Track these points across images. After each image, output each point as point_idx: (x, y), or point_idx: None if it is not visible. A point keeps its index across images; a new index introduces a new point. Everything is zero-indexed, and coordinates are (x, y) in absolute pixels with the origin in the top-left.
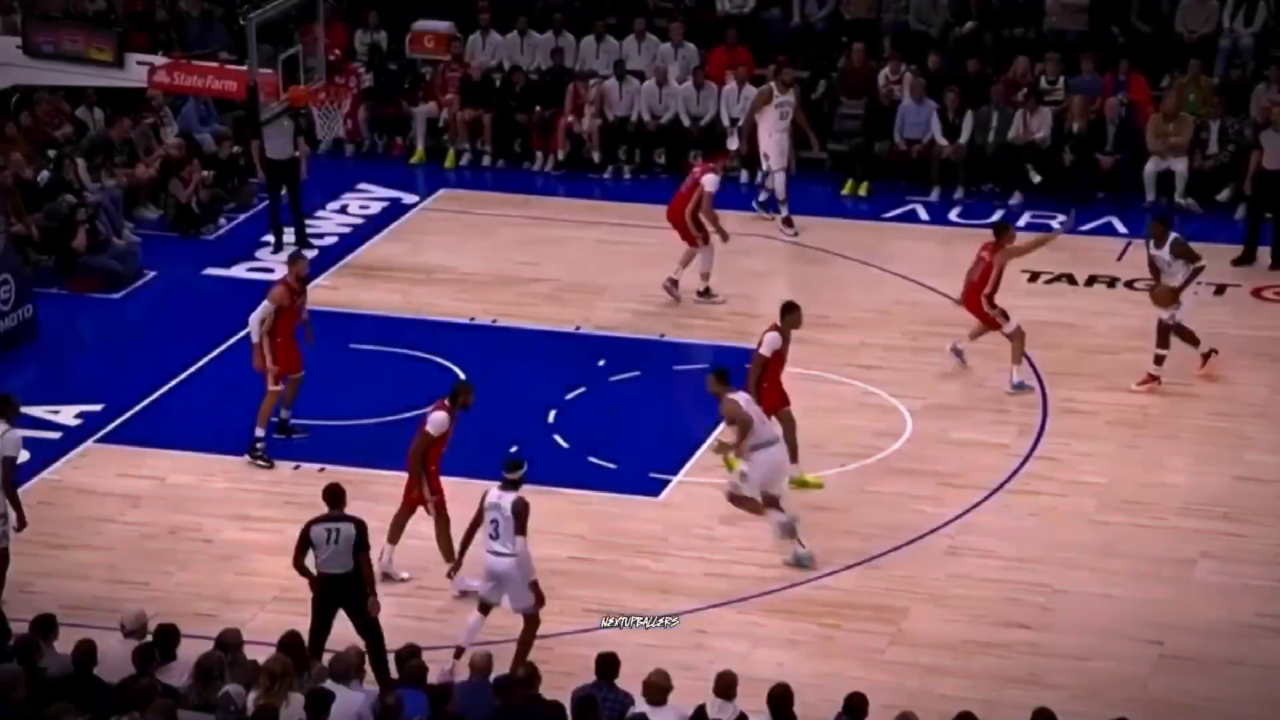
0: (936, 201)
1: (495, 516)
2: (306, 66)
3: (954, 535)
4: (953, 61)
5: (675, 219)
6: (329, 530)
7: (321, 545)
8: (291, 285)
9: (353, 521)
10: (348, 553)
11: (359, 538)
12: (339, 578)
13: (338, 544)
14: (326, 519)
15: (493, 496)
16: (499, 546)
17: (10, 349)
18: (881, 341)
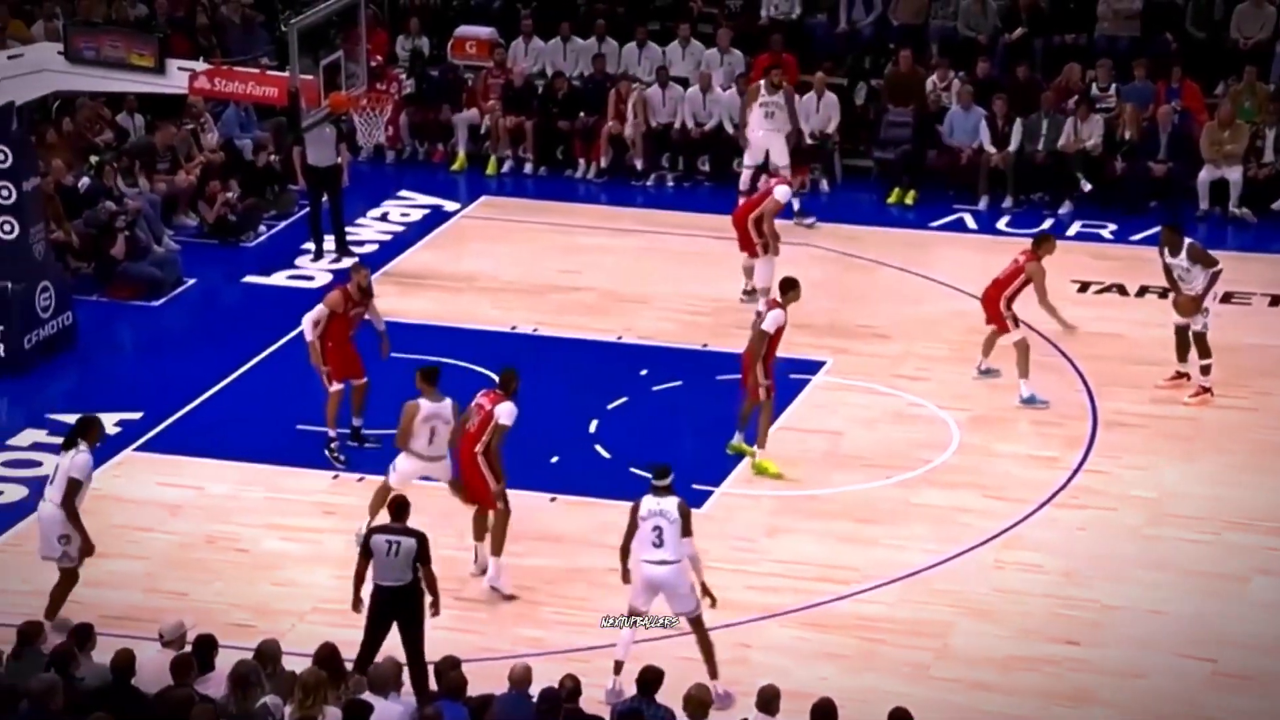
0: (984, 210)
1: (658, 524)
2: (348, 72)
3: (1001, 549)
4: (1002, 68)
5: (738, 224)
6: (390, 542)
7: (381, 556)
8: (350, 293)
9: (415, 535)
10: (406, 566)
11: (420, 551)
12: (395, 590)
13: (397, 556)
14: (389, 530)
15: (650, 505)
16: (664, 554)
17: (50, 356)
18: (927, 352)
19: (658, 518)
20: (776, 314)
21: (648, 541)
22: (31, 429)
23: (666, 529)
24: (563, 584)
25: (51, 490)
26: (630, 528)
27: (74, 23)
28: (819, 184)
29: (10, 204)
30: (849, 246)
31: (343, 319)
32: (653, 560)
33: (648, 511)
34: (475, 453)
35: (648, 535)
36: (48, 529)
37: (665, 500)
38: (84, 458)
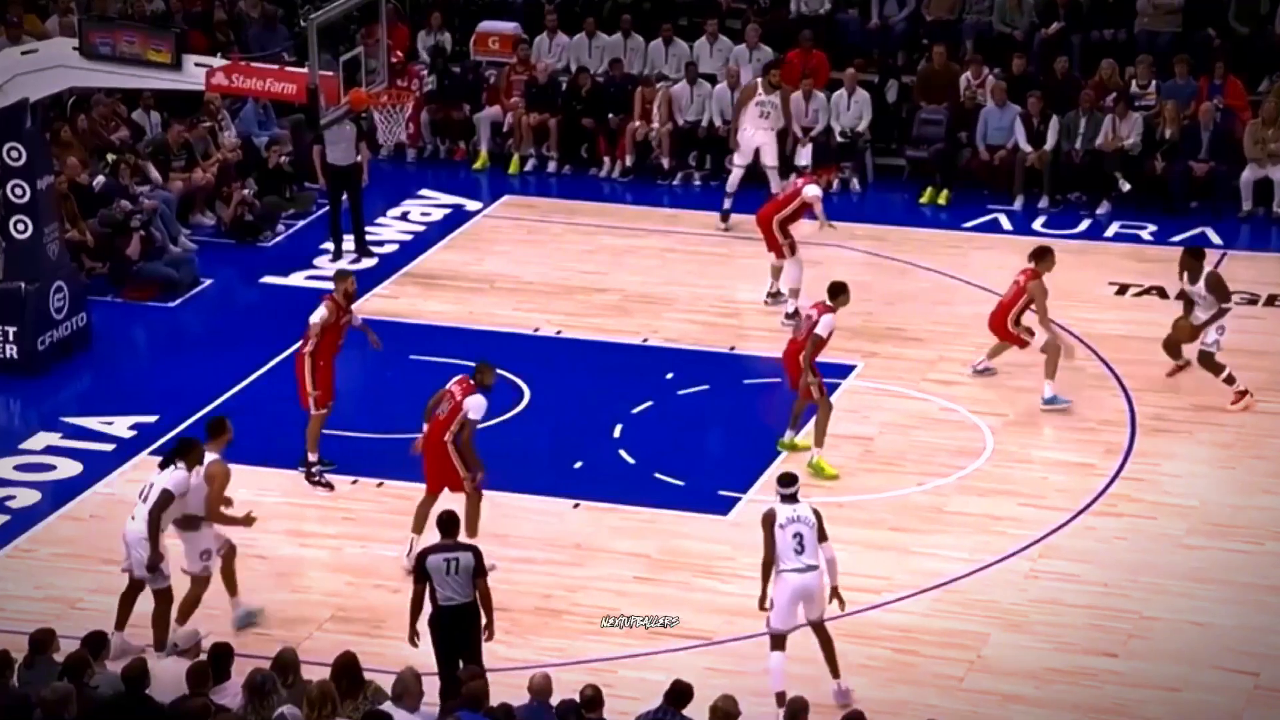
0: (1020, 211)
1: (799, 530)
2: (368, 69)
3: (1036, 558)
4: (1038, 64)
5: (763, 224)
6: (447, 560)
7: (440, 576)
8: (338, 302)
9: (470, 550)
10: (468, 582)
11: (478, 564)
12: (461, 608)
13: (457, 574)
14: (442, 549)
15: (787, 513)
16: (808, 560)
17: (64, 358)
18: (961, 356)
19: (797, 524)
20: (829, 318)
21: (789, 550)
22: (45, 432)
23: (806, 534)
24: (585, 592)
25: (142, 508)
26: (769, 543)
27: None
28: (850, 183)
29: (24, 203)
30: (880, 247)
31: (335, 329)
32: (799, 568)
33: (785, 520)
34: (444, 441)
35: (789, 544)
36: (138, 544)
37: (799, 507)
38: (180, 475)
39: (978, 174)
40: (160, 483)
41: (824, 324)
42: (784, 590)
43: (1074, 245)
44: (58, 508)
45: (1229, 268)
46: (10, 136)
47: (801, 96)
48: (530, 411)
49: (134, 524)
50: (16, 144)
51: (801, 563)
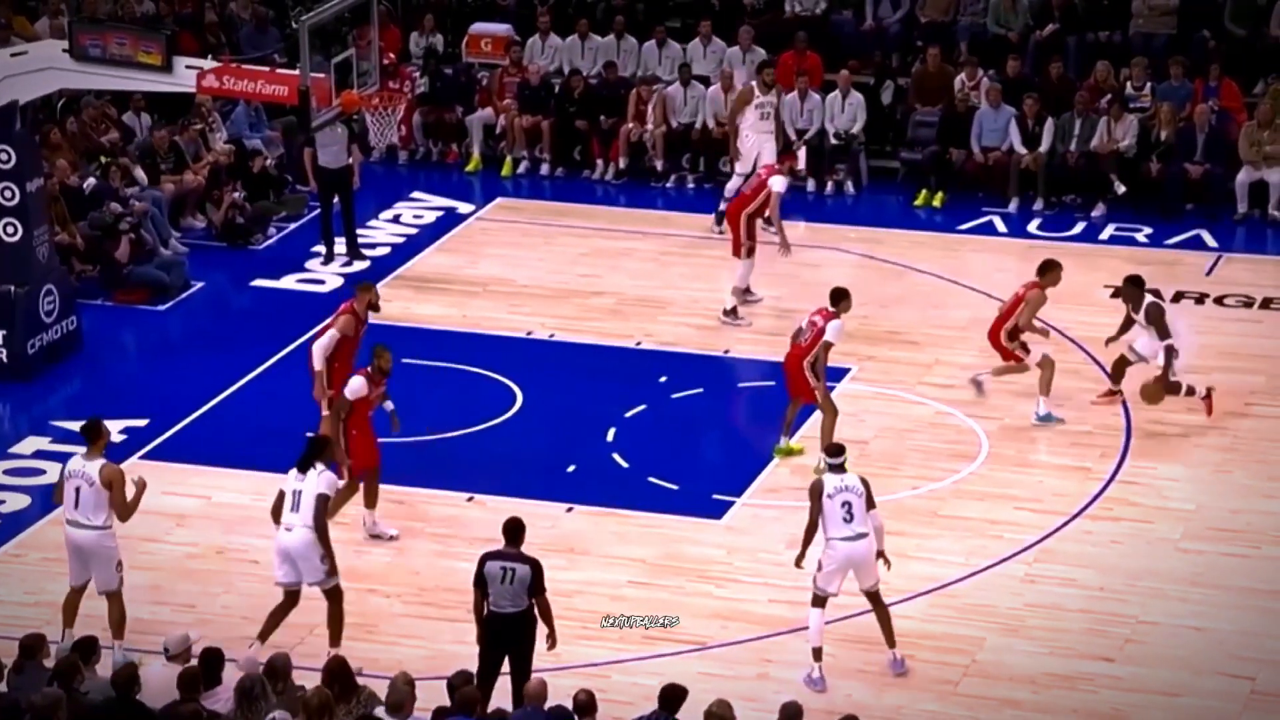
0: (1015, 213)
1: (847, 499)
2: (360, 71)
3: (1032, 562)
4: (1033, 66)
5: (732, 220)
6: (504, 569)
7: (495, 583)
8: (359, 314)
9: (529, 563)
10: (521, 593)
11: (534, 580)
12: (510, 617)
13: (512, 584)
14: (502, 556)
15: (835, 483)
16: (857, 527)
17: (54, 362)
18: (957, 359)
19: (845, 494)
20: (837, 324)
21: (838, 519)
22: (34, 436)
23: (855, 503)
24: (579, 597)
25: (298, 516)
26: (814, 512)
27: (79, 19)
28: (844, 186)
29: (13, 205)
30: (875, 250)
31: (353, 342)
32: (848, 536)
33: (834, 489)
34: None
35: (837, 513)
36: (307, 553)
37: (847, 477)
38: (330, 476)
39: (972, 176)
40: (312, 489)
41: (833, 330)
42: (834, 558)
43: (1069, 248)
44: (48, 512)
45: (1225, 270)
46: (0, 139)
47: (797, 98)
48: (523, 415)
49: (293, 535)
50: (6, 146)
51: (851, 531)
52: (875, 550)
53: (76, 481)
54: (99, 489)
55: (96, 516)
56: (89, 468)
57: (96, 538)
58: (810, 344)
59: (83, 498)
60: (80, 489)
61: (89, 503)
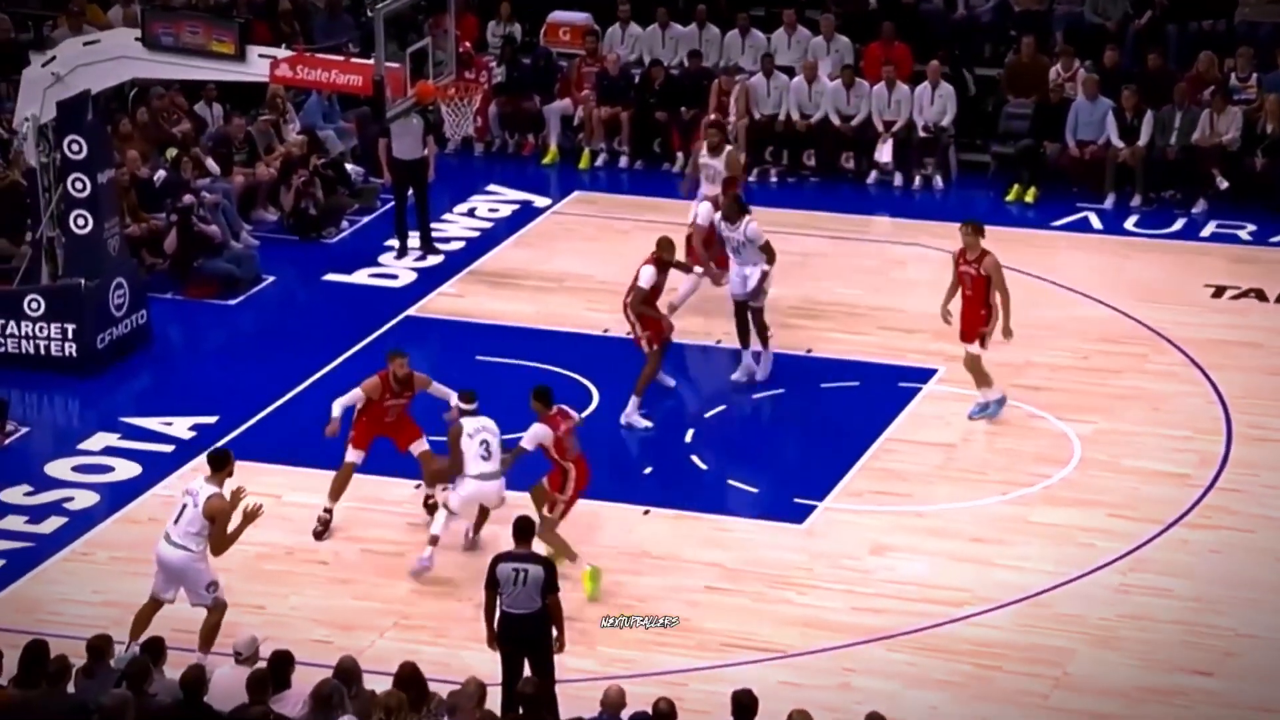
0: (1111, 209)
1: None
2: (435, 60)
3: (1126, 572)
4: (1132, 56)
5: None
6: (516, 570)
7: (508, 584)
8: (387, 380)
9: (541, 563)
10: (534, 595)
11: (548, 579)
12: (522, 618)
13: (525, 585)
14: (514, 557)
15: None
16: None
17: (123, 357)
18: (1049, 360)
19: (483, 433)
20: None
21: (477, 456)
22: (103, 432)
23: (492, 441)
24: (656, 602)
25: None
26: (455, 452)
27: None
28: (933, 180)
29: (84, 197)
30: None
31: (378, 406)
32: (486, 473)
33: (473, 430)
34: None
35: (476, 450)
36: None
37: (482, 419)
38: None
39: (1067, 171)
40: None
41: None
42: (470, 492)
43: (1169, 245)
44: (116, 510)
45: None
46: (71, 129)
47: (884, 89)
48: (599, 415)
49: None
50: (77, 137)
51: (489, 468)
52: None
53: (187, 499)
54: (200, 515)
55: (190, 540)
56: (202, 491)
57: (185, 560)
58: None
59: (185, 516)
60: (186, 506)
61: (188, 523)
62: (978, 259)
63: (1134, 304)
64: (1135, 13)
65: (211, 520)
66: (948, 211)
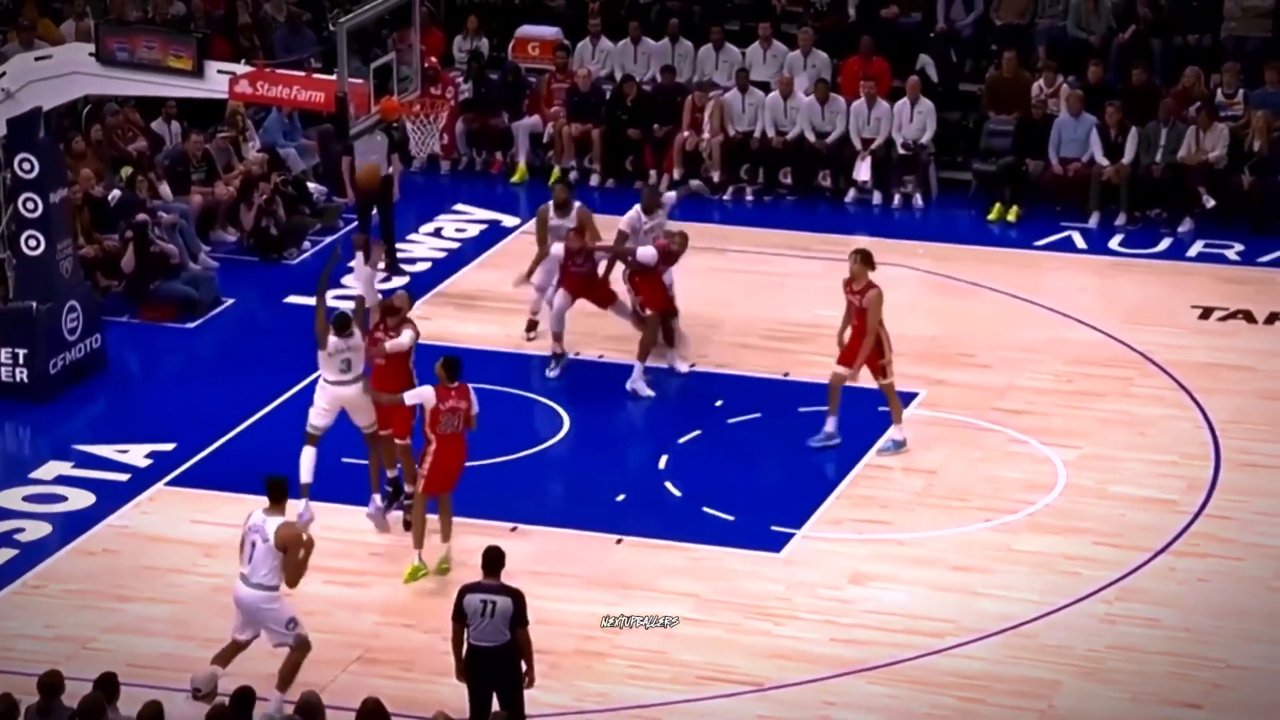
0: (1095, 228)
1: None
2: (400, 76)
3: (1113, 601)
4: (1116, 72)
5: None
6: (485, 602)
7: (475, 616)
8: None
9: (510, 594)
10: (503, 627)
11: (517, 612)
12: (490, 651)
13: (493, 617)
14: (482, 589)
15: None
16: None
17: (77, 382)
18: (1031, 384)
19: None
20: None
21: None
22: (56, 461)
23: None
24: (630, 634)
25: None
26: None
27: (106, 22)
28: (913, 199)
29: (36, 217)
30: (945, 267)
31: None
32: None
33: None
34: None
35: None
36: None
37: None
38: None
39: (1050, 189)
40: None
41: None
42: (326, 397)
43: (1154, 265)
44: (69, 541)
45: None
46: (22, 147)
47: (864, 105)
48: (570, 440)
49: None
50: (29, 155)
51: (348, 376)
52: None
53: (254, 536)
54: (273, 548)
55: (267, 576)
56: (268, 524)
57: (263, 598)
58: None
59: (257, 554)
60: (256, 544)
61: (262, 560)
62: (862, 290)
63: (1119, 326)
64: (1119, 27)
65: (285, 550)
66: (928, 231)
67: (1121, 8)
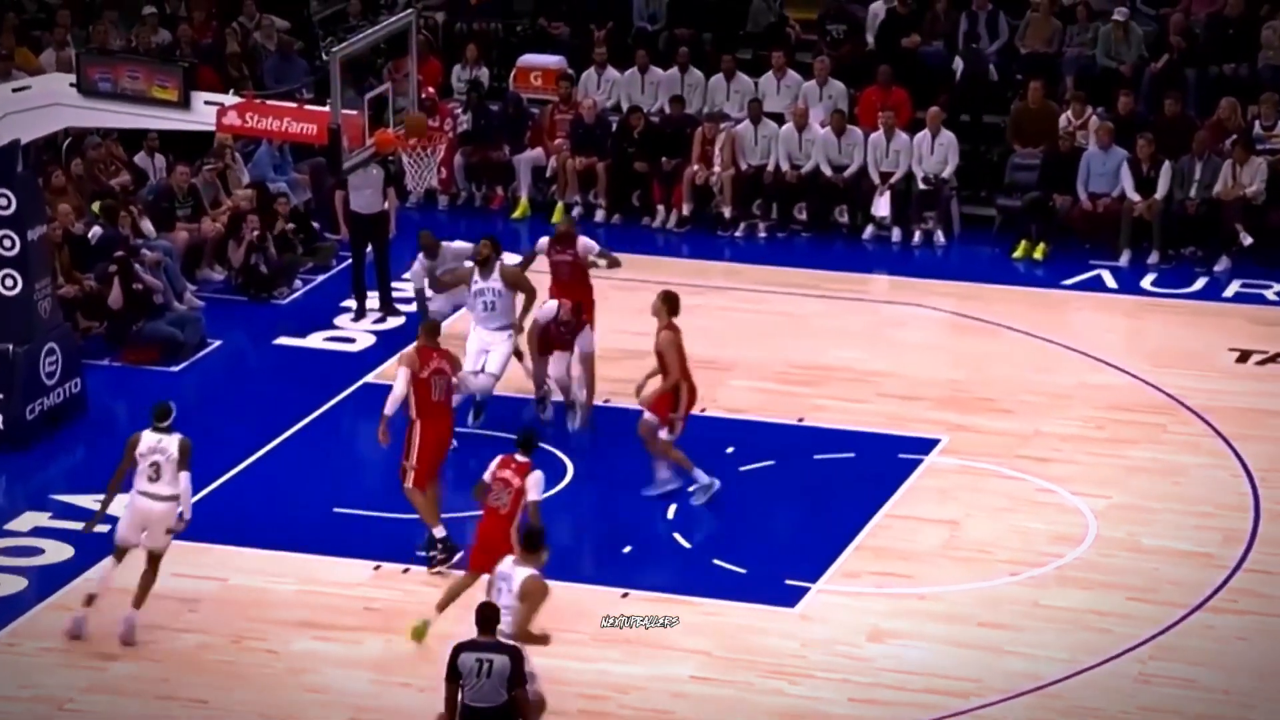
0: (1126, 267)
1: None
2: (396, 107)
3: (1146, 660)
4: (1148, 103)
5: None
6: (480, 661)
7: (470, 676)
8: (423, 348)
9: (507, 652)
10: (499, 687)
11: (514, 671)
12: (486, 712)
13: (489, 677)
14: (477, 646)
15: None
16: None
17: (55, 429)
18: (1059, 430)
19: (155, 454)
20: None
21: (144, 477)
22: (32, 511)
23: (164, 465)
24: (637, 694)
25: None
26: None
27: (88, 51)
28: (934, 236)
29: (13, 255)
30: (968, 307)
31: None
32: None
33: (147, 448)
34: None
35: (146, 471)
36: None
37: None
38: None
39: (1079, 225)
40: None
41: (534, 486)
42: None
43: (1189, 306)
44: (45, 596)
45: None
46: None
47: (882, 137)
48: (574, 488)
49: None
50: (6, 190)
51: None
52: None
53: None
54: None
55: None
56: (516, 575)
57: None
58: (513, 509)
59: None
60: (502, 591)
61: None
62: (658, 331)
63: (1151, 369)
64: (1151, 56)
65: (523, 601)
66: (950, 269)
67: (1153, 36)
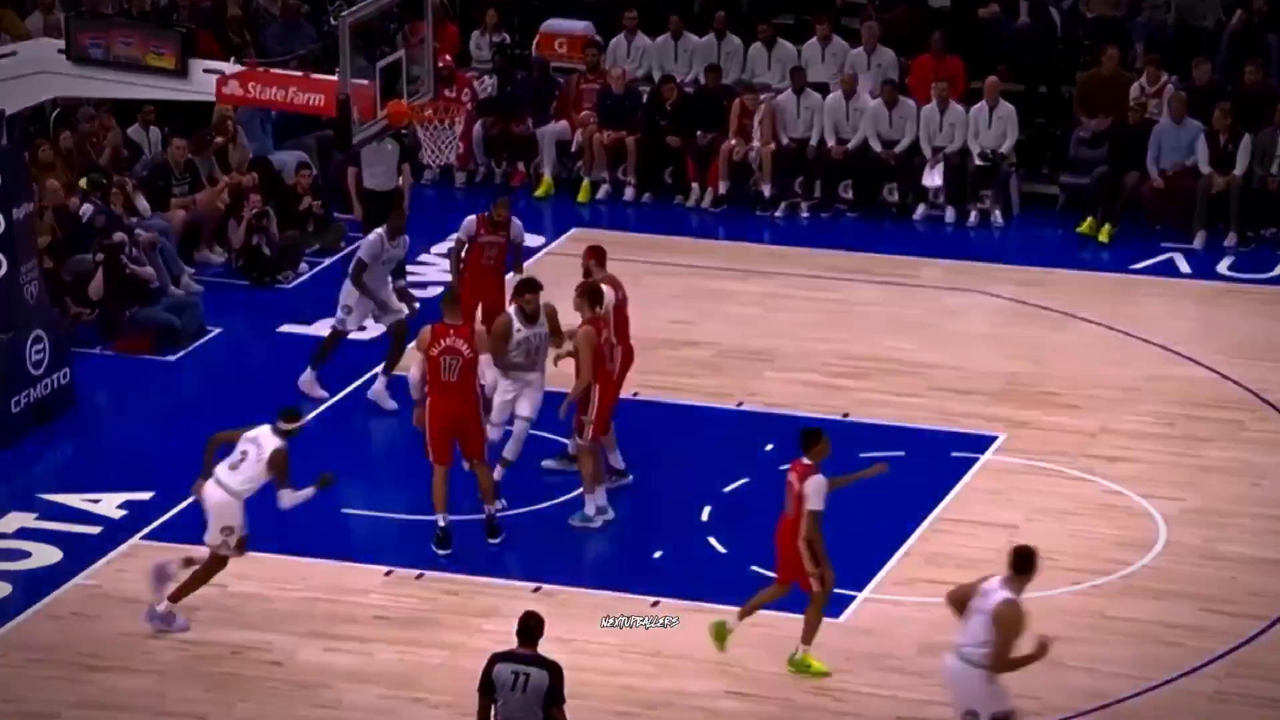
0: (1201, 249)
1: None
2: (410, 76)
3: (1222, 677)
4: (1226, 70)
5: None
6: (516, 674)
7: (505, 689)
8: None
9: (547, 667)
10: (534, 706)
11: (553, 687)
12: None
13: (525, 691)
14: (515, 658)
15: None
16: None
17: (42, 423)
18: (1128, 427)
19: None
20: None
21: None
22: (18, 511)
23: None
24: (666, 709)
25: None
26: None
27: (78, 15)
28: (991, 215)
29: None
30: (1028, 293)
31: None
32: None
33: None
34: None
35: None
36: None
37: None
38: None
39: (1149, 204)
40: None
41: (814, 492)
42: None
43: (1269, 292)
44: (32, 603)
45: None
46: None
47: (935, 109)
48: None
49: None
50: None
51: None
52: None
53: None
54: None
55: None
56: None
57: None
58: (796, 514)
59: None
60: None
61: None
62: (579, 326)
63: (1228, 361)
64: (1230, 19)
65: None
66: (1008, 252)
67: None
